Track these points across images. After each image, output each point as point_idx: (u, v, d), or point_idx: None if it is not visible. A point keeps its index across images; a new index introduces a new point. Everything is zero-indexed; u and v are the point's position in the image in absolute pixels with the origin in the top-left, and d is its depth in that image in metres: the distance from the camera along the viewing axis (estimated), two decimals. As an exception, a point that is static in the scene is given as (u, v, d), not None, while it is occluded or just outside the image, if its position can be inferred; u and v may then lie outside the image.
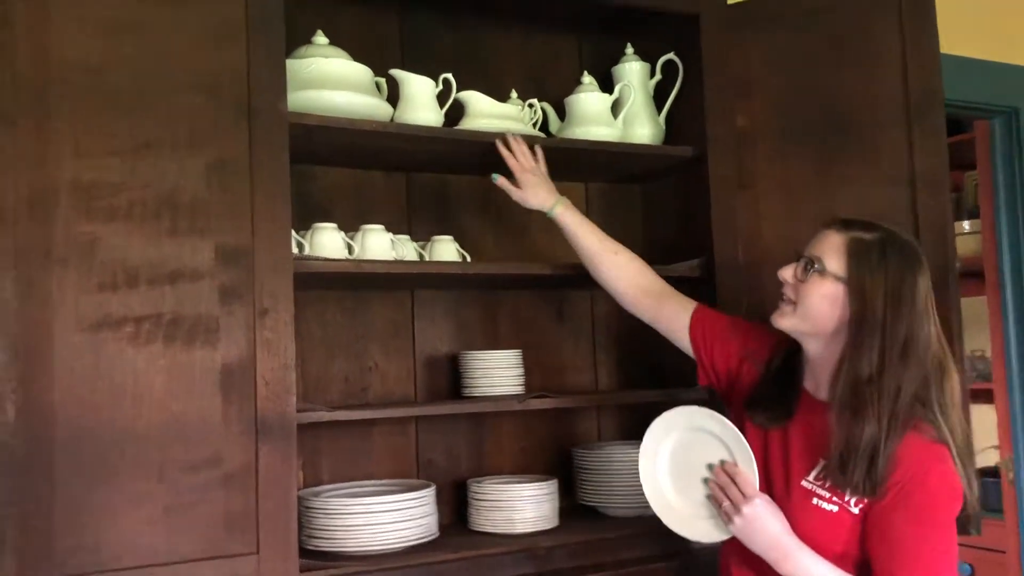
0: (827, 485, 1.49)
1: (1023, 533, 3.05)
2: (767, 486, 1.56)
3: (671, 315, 1.81)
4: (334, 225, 1.90)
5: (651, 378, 2.35)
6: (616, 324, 2.40)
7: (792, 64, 2.09)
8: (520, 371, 2.12)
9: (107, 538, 1.53)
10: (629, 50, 2.30)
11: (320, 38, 1.91)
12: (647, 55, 2.29)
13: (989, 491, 3.19)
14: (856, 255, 1.51)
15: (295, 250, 1.76)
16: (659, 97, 2.28)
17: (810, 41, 2.08)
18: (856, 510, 1.47)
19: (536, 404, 1.98)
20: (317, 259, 1.80)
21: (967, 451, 1.51)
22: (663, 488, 1.62)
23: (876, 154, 2.00)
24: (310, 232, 1.88)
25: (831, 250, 1.53)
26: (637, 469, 2.09)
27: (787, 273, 1.57)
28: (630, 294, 1.86)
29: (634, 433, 2.35)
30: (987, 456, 3.29)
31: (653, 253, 2.38)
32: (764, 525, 1.49)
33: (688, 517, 1.59)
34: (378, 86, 1.98)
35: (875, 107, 2.00)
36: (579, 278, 2.23)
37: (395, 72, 1.98)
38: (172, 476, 1.58)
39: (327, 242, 1.86)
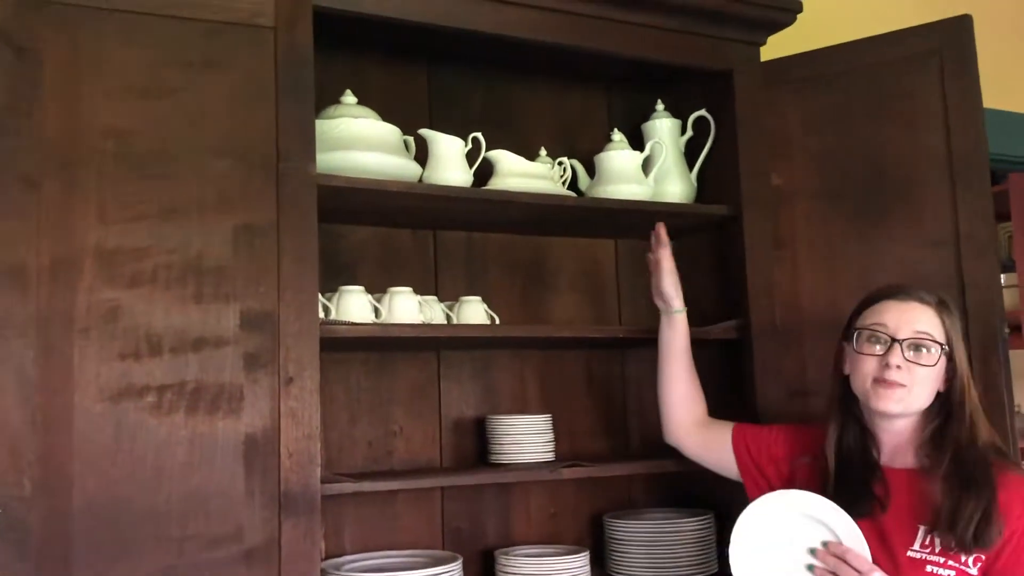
0: (938, 550, 1.44)
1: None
2: None
3: (715, 444, 1.82)
4: (361, 288, 1.85)
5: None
6: (645, 387, 2.32)
7: (830, 122, 2.04)
8: (550, 436, 2.05)
9: (124, 618, 1.46)
10: (659, 106, 2.27)
11: (349, 97, 1.89)
12: (678, 111, 2.25)
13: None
14: (944, 322, 1.54)
15: (321, 314, 1.71)
16: (690, 154, 2.24)
17: (849, 99, 2.03)
18: (975, 570, 1.42)
19: (569, 474, 1.91)
20: (343, 323, 1.75)
21: None
22: None
23: (919, 214, 1.94)
24: (337, 295, 1.83)
25: (933, 324, 1.53)
26: (671, 540, 2.03)
27: (898, 359, 1.50)
28: (682, 426, 1.89)
29: (665, 499, 2.28)
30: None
31: (686, 313, 2.33)
32: None
33: None
34: (406, 144, 1.95)
35: (917, 166, 1.95)
36: (608, 340, 2.18)
37: (424, 132, 1.94)
38: (192, 552, 1.52)
39: (354, 306, 1.82)
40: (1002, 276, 3.59)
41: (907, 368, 1.50)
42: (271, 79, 1.65)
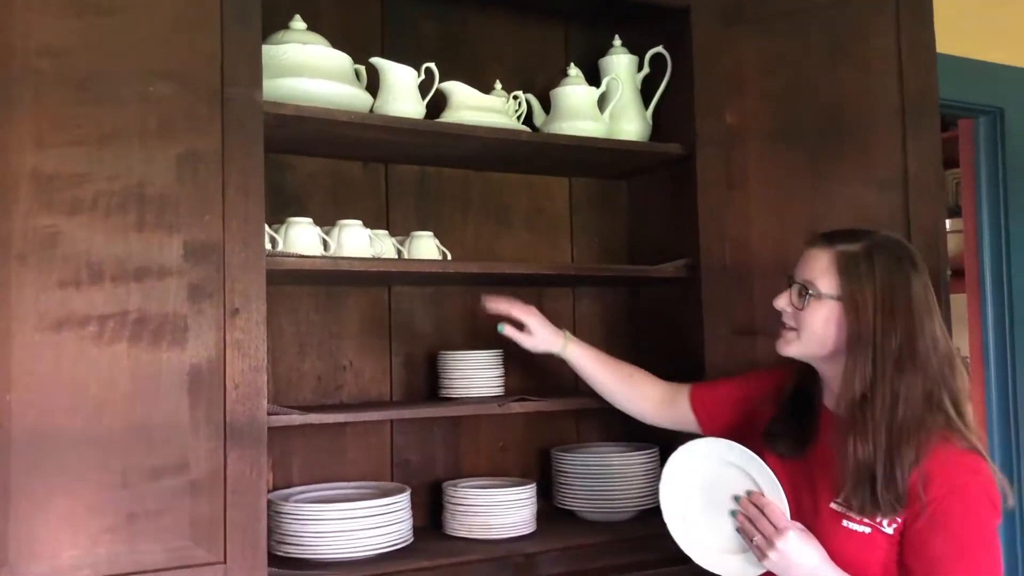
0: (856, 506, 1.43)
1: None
2: (795, 512, 1.48)
3: (681, 420, 1.82)
4: (309, 220, 1.82)
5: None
6: (597, 323, 2.35)
7: (786, 62, 2.03)
8: (500, 372, 2.06)
9: (66, 548, 1.45)
10: (617, 42, 2.24)
11: (298, 23, 1.83)
12: (635, 47, 2.23)
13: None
14: (845, 270, 1.47)
15: (268, 246, 1.69)
16: (646, 92, 2.22)
17: (805, 39, 2.01)
18: (890, 530, 1.41)
19: (517, 408, 1.93)
20: (291, 256, 1.73)
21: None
22: (689, 524, 1.53)
23: (869, 156, 1.95)
24: (284, 226, 1.80)
25: (820, 271, 1.49)
26: (617, 474, 2.07)
27: (782, 302, 1.54)
28: (651, 413, 1.87)
29: (612, 434, 2.31)
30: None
31: (638, 251, 2.35)
32: (801, 558, 1.41)
33: (718, 553, 1.51)
34: (357, 74, 1.90)
35: (870, 108, 1.95)
36: (560, 278, 2.18)
37: (376, 60, 1.90)
38: (136, 482, 1.51)
39: (302, 237, 1.79)
40: (948, 221, 3.67)
41: (795, 314, 1.51)
42: (216, 0, 1.59)
